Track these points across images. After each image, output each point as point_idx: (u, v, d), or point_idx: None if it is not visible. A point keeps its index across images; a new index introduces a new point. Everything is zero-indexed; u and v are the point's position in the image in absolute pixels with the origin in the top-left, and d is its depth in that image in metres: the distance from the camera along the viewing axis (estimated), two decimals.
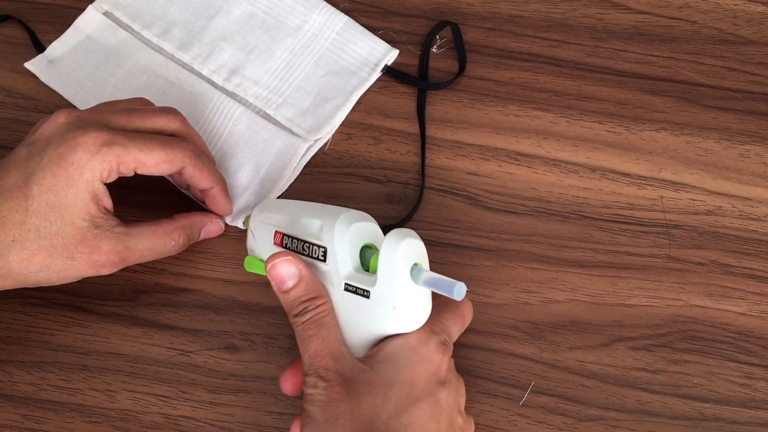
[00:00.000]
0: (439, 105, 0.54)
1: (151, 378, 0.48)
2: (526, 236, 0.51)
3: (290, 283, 0.40)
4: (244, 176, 0.51)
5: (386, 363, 0.38)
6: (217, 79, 0.54)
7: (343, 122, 0.53)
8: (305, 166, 0.52)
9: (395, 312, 0.38)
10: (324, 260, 0.40)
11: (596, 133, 0.53)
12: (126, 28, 0.55)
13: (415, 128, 0.53)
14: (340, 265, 0.40)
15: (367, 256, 0.41)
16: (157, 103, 0.49)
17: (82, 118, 0.42)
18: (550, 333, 0.49)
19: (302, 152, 0.52)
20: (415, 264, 0.38)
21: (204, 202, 0.49)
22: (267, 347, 0.48)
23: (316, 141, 0.52)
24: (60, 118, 0.42)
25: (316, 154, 0.53)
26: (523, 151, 0.53)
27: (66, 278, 0.43)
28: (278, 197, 0.51)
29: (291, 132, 0.52)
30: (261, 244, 0.45)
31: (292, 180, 0.52)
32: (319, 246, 0.41)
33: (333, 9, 0.55)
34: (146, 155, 0.42)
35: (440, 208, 0.51)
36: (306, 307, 0.40)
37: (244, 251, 0.50)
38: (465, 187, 0.52)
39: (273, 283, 0.41)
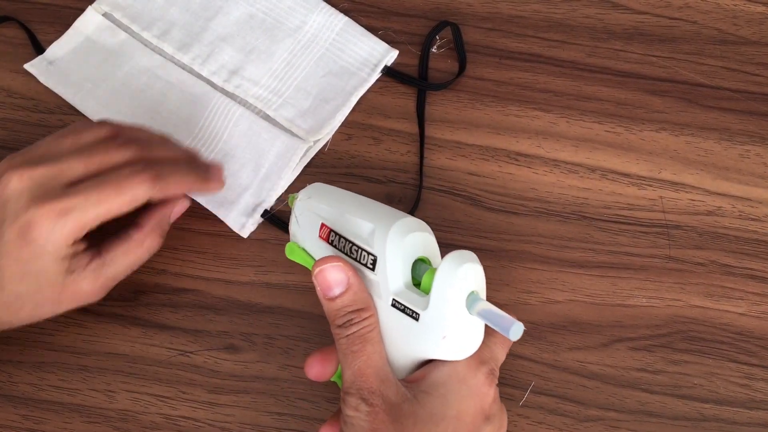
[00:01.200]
0: (439, 105, 0.54)
1: (151, 378, 0.48)
2: (526, 236, 0.51)
3: (337, 291, 0.38)
4: (244, 176, 0.51)
5: (433, 394, 0.36)
6: (217, 80, 0.54)
7: (343, 122, 0.53)
8: (305, 167, 0.52)
9: (445, 341, 0.36)
10: (373, 269, 0.38)
11: (596, 133, 0.53)
12: (125, 29, 0.55)
13: (415, 128, 0.53)
14: (390, 278, 0.37)
15: (419, 271, 0.38)
16: (159, 105, 0.49)
17: (35, 182, 0.40)
18: (550, 333, 0.49)
19: (302, 153, 0.52)
20: (472, 292, 0.36)
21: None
22: (267, 347, 0.48)
23: (315, 142, 0.52)
24: (12, 184, 0.40)
25: (316, 155, 0.53)
26: (523, 152, 0.53)
27: (57, 314, 0.44)
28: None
29: (291, 133, 0.52)
30: (305, 232, 0.41)
31: (292, 180, 0.52)
32: (369, 253, 0.38)
33: (332, 9, 0.55)
34: (106, 207, 0.41)
35: (440, 208, 0.51)
36: (352, 319, 0.37)
37: (244, 252, 0.50)
38: (465, 187, 0.52)
39: (318, 289, 0.38)
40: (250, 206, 0.51)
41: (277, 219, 0.51)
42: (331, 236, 0.40)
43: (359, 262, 0.38)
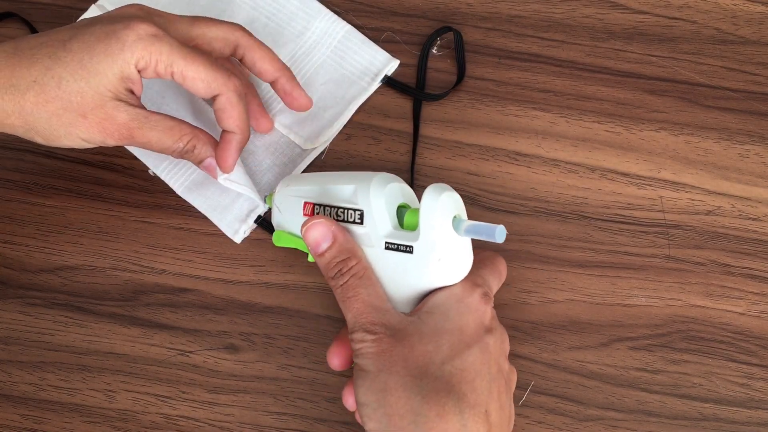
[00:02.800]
0: (438, 105, 0.54)
1: (151, 378, 0.48)
2: (525, 236, 0.51)
3: (324, 246, 0.41)
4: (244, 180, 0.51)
5: (434, 313, 0.39)
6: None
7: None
8: (306, 167, 0.52)
9: (440, 263, 0.39)
10: (361, 222, 0.41)
11: (596, 133, 0.53)
12: None
13: None
14: (379, 224, 0.40)
15: (401, 216, 0.41)
16: (159, 110, 0.48)
17: (151, 13, 0.44)
18: (550, 333, 0.49)
19: (303, 165, 0.52)
20: (456, 215, 0.39)
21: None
22: (266, 347, 0.48)
23: (313, 149, 0.52)
24: (132, 8, 0.44)
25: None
26: (522, 151, 0.53)
27: (74, 137, 0.43)
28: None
29: (288, 140, 0.52)
30: (289, 217, 0.45)
31: None
32: (354, 209, 0.41)
33: (335, 17, 0.55)
34: (187, 65, 0.42)
35: None
36: (341, 269, 0.40)
37: (244, 252, 0.50)
38: (464, 187, 0.52)
39: (309, 249, 0.41)
40: (244, 211, 0.51)
41: (270, 225, 0.50)
42: (316, 209, 0.43)
43: (347, 221, 0.41)
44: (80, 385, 0.48)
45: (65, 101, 0.42)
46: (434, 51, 0.55)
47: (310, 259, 0.44)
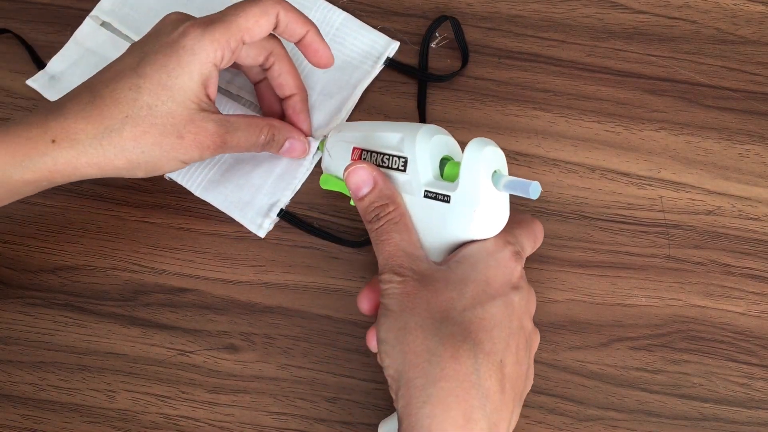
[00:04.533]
0: (438, 105, 0.54)
1: (151, 378, 0.48)
2: None
3: (365, 190, 0.42)
4: (257, 177, 0.51)
5: (463, 263, 0.39)
6: (220, 83, 0.54)
7: (345, 120, 0.53)
8: None
9: (476, 214, 0.39)
10: (404, 170, 0.42)
11: (595, 132, 0.53)
12: (125, 38, 0.55)
13: None
14: (421, 172, 0.41)
15: (444, 168, 0.42)
16: None
17: (190, 16, 0.45)
18: (550, 333, 0.49)
19: (314, 150, 0.52)
20: (496, 170, 0.39)
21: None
22: (266, 347, 0.48)
23: (325, 137, 0.52)
24: (172, 16, 0.45)
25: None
26: (522, 151, 0.53)
27: (174, 161, 0.44)
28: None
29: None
30: (338, 161, 0.46)
31: (305, 177, 0.52)
32: (399, 156, 0.42)
33: (330, 5, 0.55)
34: (245, 18, 0.43)
35: None
36: (378, 214, 0.41)
37: (244, 252, 0.50)
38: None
39: (350, 192, 0.42)
40: (265, 206, 0.51)
41: (292, 217, 0.51)
42: (363, 155, 0.44)
43: (391, 167, 0.42)
44: (80, 385, 0.48)
45: (160, 127, 0.42)
46: (433, 45, 0.55)
47: (352, 203, 0.44)
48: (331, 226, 0.51)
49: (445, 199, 0.40)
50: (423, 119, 0.53)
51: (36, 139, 0.41)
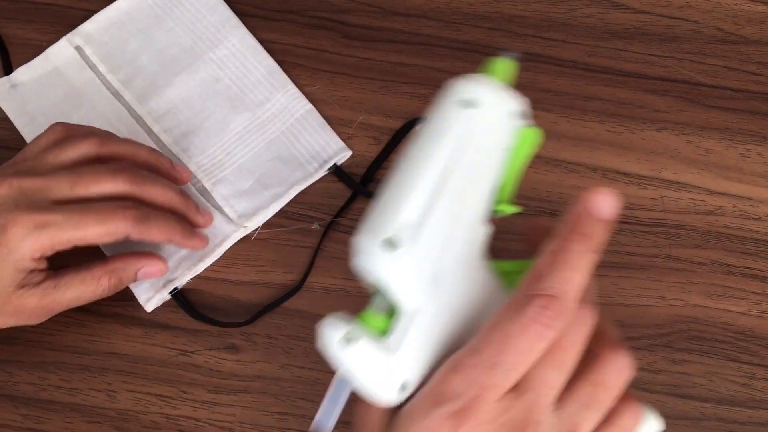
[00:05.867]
0: None
1: (152, 378, 0.48)
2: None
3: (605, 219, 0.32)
4: (165, 250, 0.49)
5: None
6: (166, 139, 0.52)
7: (343, 121, 0.53)
8: None
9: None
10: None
11: (597, 132, 0.53)
12: (92, 67, 0.54)
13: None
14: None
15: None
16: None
17: (23, 191, 0.42)
18: None
19: (231, 242, 0.50)
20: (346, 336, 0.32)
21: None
22: (267, 347, 0.48)
23: (246, 227, 0.50)
24: (2, 190, 0.42)
25: None
26: None
27: (3, 324, 0.44)
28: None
29: (223, 213, 0.51)
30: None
31: (211, 263, 0.50)
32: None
33: (299, 94, 0.53)
34: (83, 232, 0.41)
35: None
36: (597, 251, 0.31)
37: (244, 252, 0.50)
38: None
39: (590, 201, 0.32)
40: (161, 281, 0.49)
41: (183, 299, 0.49)
42: None
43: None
44: (81, 385, 0.48)
45: None
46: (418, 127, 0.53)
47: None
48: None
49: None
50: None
51: None
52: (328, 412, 0.33)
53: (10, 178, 0.42)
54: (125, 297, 0.49)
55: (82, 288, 0.44)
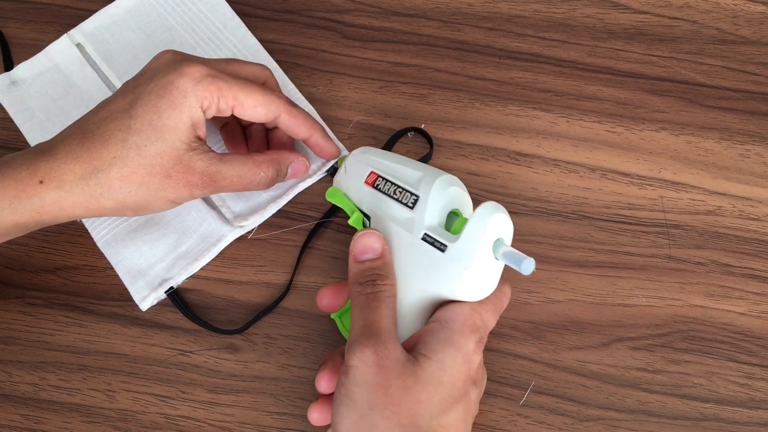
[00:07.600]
0: (439, 105, 0.54)
1: (151, 378, 0.48)
2: (526, 236, 0.51)
3: (370, 256, 0.42)
4: (161, 248, 0.50)
5: (432, 359, 0.39)
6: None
7: (342, 122, 0.53)
8: None
9: (465, 273, 0.39)
10: (412, 207, 0.43)
11: (596, 133, 0.53)
12: (93, 65, 0.54)
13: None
14: (428, 215, 0.42)
15: (450, 221, 0.43)
16: None
17: (186, 55, 0.45)
18: (550, 333, 0.49)
19: (227, 242, 0.50)
20: (499, 238, 0.40)
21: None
22: (267, 347, 0.48)
23: (242, 227, 0.50)
24: (167, 55, 0.44)
25: None
26: (523, 151, 0.53)
27: (162, 200, 0.43)
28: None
29: (219, 213, 0.51)
30: (352, 179, 0.47)
31: (206, 262, 0.50)
32: (412, 193, 0.43)
33: (298, 94, 0.53)
34: (246, 95, 0.44)
35: None
36: (375, 280, 0.41)
37: (244, 252, 0.50)
38: (465, 186, 0.52)
39: (353, 250, 0.42)
40: (157, 280, 0.49)
41: (179, 299, 0.49)
42: (378, 181, 0.45)
43: (400, 201, 0.43)
44: (80, 385, 0.48)
45: (148, 167, 0.42)
46: (410, 135, 0.54)
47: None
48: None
49: (441, 247, 0.40)
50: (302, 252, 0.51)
51: (25, 181, 0.41)
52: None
53: (173, 50, 0.45)
54: (124, 297, 0.49)
55: (244, 169, 0.45)
